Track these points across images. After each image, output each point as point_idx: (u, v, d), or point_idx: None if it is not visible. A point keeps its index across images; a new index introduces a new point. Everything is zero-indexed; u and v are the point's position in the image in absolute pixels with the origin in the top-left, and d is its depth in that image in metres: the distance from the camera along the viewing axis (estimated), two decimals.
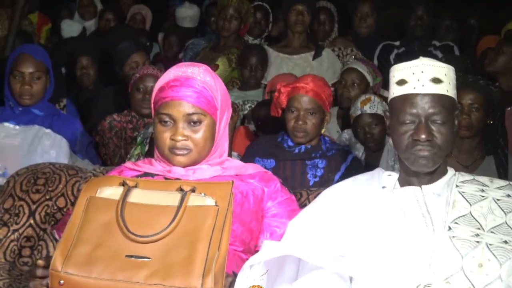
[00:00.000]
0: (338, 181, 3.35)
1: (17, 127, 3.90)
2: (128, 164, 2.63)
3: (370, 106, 4.22)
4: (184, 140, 2.46)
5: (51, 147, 3.87)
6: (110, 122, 4.24)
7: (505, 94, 4.51)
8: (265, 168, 2.99)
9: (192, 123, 2.46)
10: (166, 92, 2.47)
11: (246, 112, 4.95)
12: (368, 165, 4.05)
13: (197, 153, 2.49)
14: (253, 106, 4.86)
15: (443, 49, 5.28)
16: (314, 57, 5.46)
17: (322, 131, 3.66)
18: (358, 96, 4.48)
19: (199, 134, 2.47)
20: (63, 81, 5.22)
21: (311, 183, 3.50)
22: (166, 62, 6.09)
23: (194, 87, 2.46)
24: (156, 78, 4.20)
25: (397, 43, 5.41)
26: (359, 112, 4.22)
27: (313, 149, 3.59)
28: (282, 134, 3.67)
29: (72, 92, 5.40)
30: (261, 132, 4.51)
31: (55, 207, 2.91)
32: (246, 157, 3.53)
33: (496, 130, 3.82)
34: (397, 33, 5.83)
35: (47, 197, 2.92)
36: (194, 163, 2.51)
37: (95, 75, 5.50)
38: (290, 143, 3.60)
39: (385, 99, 4.81)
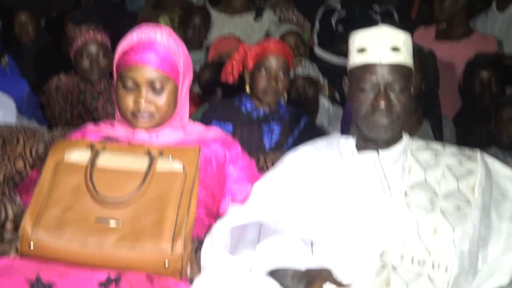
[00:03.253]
0: (292, 144, 3.43)
1: None
2: (89, 126, 2.63)
3: (302, 68, 4.29)
4: (147, 105, 2.48)
5: None
6: (56, 84, 4.18)
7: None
8: None
9: (155, 89, 2.47)
10: (130, 57, 2.47)
11: None
12: None
13: (159, 117, 2.50)
14: (195, 67, 4.86)
15: (383, 14, 5.36)
16: (255, 19, 5.49)
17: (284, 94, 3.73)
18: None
19: (162, 99, 2.48)
20: None
21: (266, 146, 3.56)
22: None
23: (157, 52, 2.46)
24: (99, 43, 4.15)
25: (339, 6, 5.46)
26: (291, 75, 4.28)
27: (271, 114, 3.63)
28: (239, 98, 3.68)
29: (11, 49, 5.29)
30: (206, 95, 4.54)
31: (14, 170, 2.88)
32: (203, 121, 3.55)
33: (432, 94, 3.94)
34: None
35: (5, 159, 2.89)
36: (156, 126, 2.52)
37: (35, 32, 5.40)
38: (249, 107, 3.63)
39: (318, 59, 4.93)
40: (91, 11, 5.39)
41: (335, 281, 1.98)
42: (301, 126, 3.62)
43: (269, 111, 3.63)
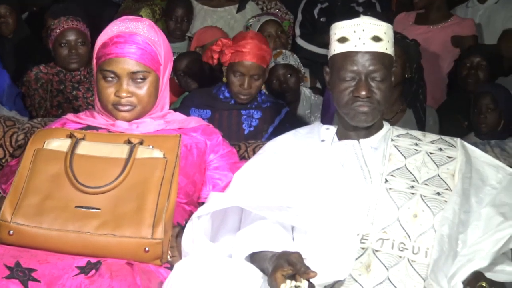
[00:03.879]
0: (272, 133, 3.44)
1: None
2: (70, 116, 2.62)
3: (283, 57, 4.28)
4: (129, 96, 2.46)
5: None
6: (36, 74, 4.17)
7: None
8: (201, 118, 3.01)
9: (136, 80, 2.47)
10: (110, 49, 2.46)
11: None
12: None
13: (141, 108, 2.50)
14: None
15: (365, 5, 5.35)
16: (238, 10, 5.48)
17: (262, 88, 3.71)
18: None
19: (143, 90, 2.48)
20: None
21: (245, 132, 3.56)
22: None
23: (138, 44, 2.45)
24: (78, 31, 4.15)
25: None
26: (272, 64, 4.25)
27: (249, 101, 3.63)
28: (218, 86, 3.69)
29: None
30: (182, 84, 4.53)
31: None
32: (181, 108, 3.55)
33: (413, 83, 3.95)
34: None
35: None
36: (138, 117, 2.52)
37: (15, 24, 5.35)
38: (227, 94, 3.63)
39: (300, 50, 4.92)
40: (73, 6, 5.35)
41: (300, 267, 1.97)
42: (282, 115, 3.62)
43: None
